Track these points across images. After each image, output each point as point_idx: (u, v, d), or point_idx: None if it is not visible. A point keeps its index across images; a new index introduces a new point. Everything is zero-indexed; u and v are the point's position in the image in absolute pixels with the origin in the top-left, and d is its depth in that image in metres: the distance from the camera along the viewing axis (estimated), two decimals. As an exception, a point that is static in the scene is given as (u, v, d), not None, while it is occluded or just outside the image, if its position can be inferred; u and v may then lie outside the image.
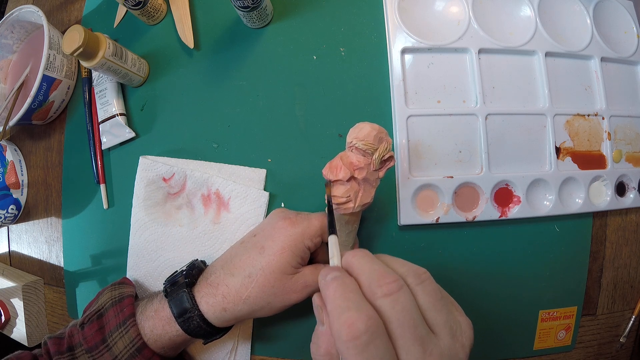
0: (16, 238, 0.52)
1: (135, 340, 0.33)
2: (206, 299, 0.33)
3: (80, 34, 0.37)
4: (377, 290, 0.22)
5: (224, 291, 0.33)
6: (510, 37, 0.44)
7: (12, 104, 0.45)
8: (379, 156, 0.30)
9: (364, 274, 0.23)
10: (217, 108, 0.44)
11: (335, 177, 0.31)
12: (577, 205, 0.43)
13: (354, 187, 0.31)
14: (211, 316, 0.33)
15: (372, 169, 0.31)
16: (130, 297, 0.36)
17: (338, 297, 0.21)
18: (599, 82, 0.45)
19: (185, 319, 0.33)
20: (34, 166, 0.51)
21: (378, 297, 0.21)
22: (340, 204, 0.32)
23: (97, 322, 0.34)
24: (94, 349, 0.33)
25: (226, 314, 0.33)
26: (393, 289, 0.22)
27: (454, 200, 0.41)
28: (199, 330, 0.33)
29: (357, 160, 0.31)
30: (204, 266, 0.38)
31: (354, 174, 0.31)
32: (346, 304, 0.21)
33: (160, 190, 0.43)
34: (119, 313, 0.34)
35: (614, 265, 0.46)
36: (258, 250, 0.34)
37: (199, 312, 0.33)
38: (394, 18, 0.42)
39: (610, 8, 0.48)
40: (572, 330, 0.44)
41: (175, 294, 0.34)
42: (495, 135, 0.42)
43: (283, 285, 0.33)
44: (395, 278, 0.22)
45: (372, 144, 0.30)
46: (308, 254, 0.35)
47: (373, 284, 0.22)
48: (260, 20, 0.43)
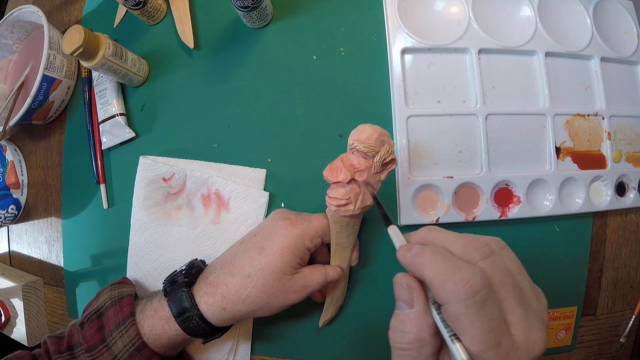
0: (16, 238, 0.52)
1: (135, 339, 0.33)
2: (205, 299, 0.33)
3: (80, 34, 0.37)
4: (475, 254, 0.22)
5: (223, 291, 0.33)
6: (510, 37, 0.44)
7: (12, 104, 0.45)
8: (380, 159, 0.30)
9: (453, 243, 0.23)
10: (217, 108, 0.44)
11: (335, 179, 0.31)
12: (577, 205, 0.43)
13: (355, 189, 0.31)
14: (210, 316, 0.33)
15: (374, 171, 0.31)
16: (129, 297, 0.36)
17: (441, 261, 0.21)
18: (599, 82, 0.45)
19: (185, 319, 0.33)
20: (34, 166, 0.51)
21: (477, 260, 0.21)
22: (340, 206, 0.31)
23: (97, 321, 0.34)
24: (93, 348, 0.33)
25: (225, 314, 0.33)
26: (488, 252, 0.22)
27: (454, 201, 0.41)
28: (198, 330, 0.33)
29: (357, 163, 0.30)
30: (203, 266, 0.38)
31: (354, 177, 0.30)
32: (454, 265, 0.20)
33: (160, 190, 0.43)
34: (119, 313, 0.34)
35: (614, 265, 0.46)
36: (258, 251, 0.34)
37: (198, 311, 0.33)
38: (394, 18, 0.42)
39: (610, 8, 0.48)
40: (572, 330, 0.44)
41: (175, 293, 0.34)
42: (495, 136, 0.42)
43: (282, 285, 0.33)
44: (486, 242, 0.22)
45: (373, 147, 0.30)
46: (308, 254, 0.35)
47: (468, 249, 0.22)
48: (260, 20, 0.43)
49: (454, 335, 0.20)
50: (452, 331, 0.20)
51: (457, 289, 0.19)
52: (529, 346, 0.20)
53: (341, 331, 0.41)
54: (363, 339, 0.41)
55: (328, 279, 0.35)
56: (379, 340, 0.41)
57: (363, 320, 0.41)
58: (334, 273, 0.35)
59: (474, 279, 0.20)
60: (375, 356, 0.41)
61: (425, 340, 0.22)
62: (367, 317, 0.41)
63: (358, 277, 0.41)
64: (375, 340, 0.41)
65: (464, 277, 0.20)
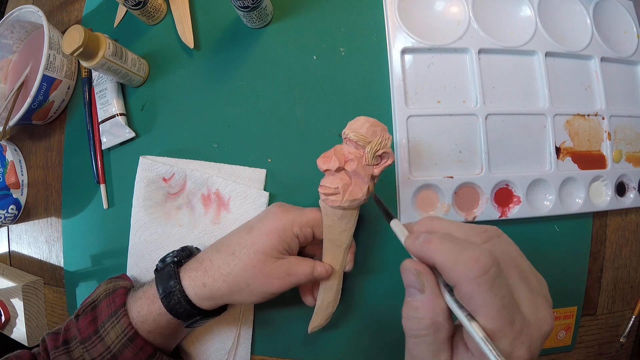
0: (16, 238, 0.52)
1: (127, 329, 0.33)
2: (189, 274, 0.34)
3: (80, 34, 0.37)
4: (477, 239, 0.23)
5: (207, 265, 0.33)
6: (510, 37, 0.44)
7: (12, 104, 0.45)
8: (372, 149, 0.30)
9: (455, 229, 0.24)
10: (217, 108, 0.44)
11: (325, 167, 0.31)
12: (577, 205, 0.43)
13: (344, 179, 0.31)
14: (191, 292, 0.33)
15: (365, 162, 0.30)
16: (123, 288, 0.36)
17: (449, 244, 0.22)
18: (599, 82, 0.45)
19: (167, 294, 0.33)
20: (34, 166, 0.51)
21: (479, 244, 0.23)
22: (327, 194, 0.31)
23: (91, 313, 0.34)
24: (87, 340, 0.33)
25: (205, 290, 0.33)
26: (488, 237, 0.23)
27: (454, 201, 0.41)
28: (179, 308, 0.33)
29: (348, 152, 0.30)
30: (197, 251, 0.38)
31: (343, 166, 0.30)
32: (462, 247, 0.21)
33: (160, 190, 0.43)
34: (112, 303, 0.34)
35: (614, 265, 0.46)
36: (247, 230, 0.34)
37: (180, 287, 0.33)
38: (394, 18, 0.42)
39: (610, 8, 0.48)
40: (572, 330, 0.44)
41: (163, 270, 0.34)
42: (495, 136, 0.42)
43: (265, 267, 0.33)
44: (485, 228, 0.24)
45: (363, 136, 0.30)
46: (296, 243, 0.34)
47: (470, 235, 0.23)
48: (260, 20, 0.43)
49: (469, 315, 0.20)
50: (466, 312, 0.21)
51: (468, 268, 0.20)
52: (539, 323, 0.21)
53: (341, 331, 0.41)
54: (363, 339, 0.41)
55: (315, 274, 0.34)
56: (379, 340, 0.41)
57: (363, 320, 0.41)
58: (323, 269, 0.34)
59: (483, 257, 0.20)
60: (375, 356, 0.41)
61: (440, 324, 0.22)
62: (367, 317, 0.41)
63: (357, 277, 0.41)
64: (375, 340, 0.41)
65: (474, 256, 0.20)
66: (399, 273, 0.23)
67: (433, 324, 0.22)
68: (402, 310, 0.23)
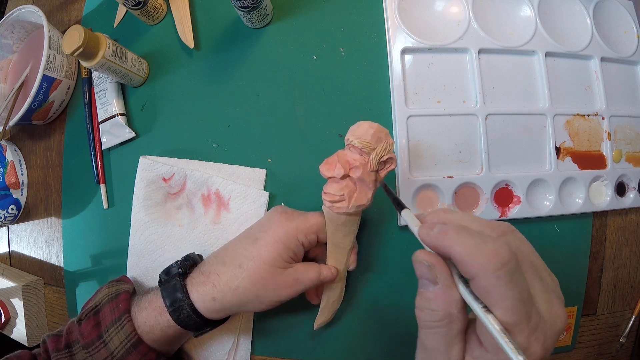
0: (16, 238, 0.52)
1: (131, 335, 0.33)
2: (197, 287, 0.33)
3: (80, 34, 0.37)
4: (492, 233, 0.22)
5: (214, 280, 0.33)
6: (510, 37, 0.44)
7: (12, 104, 0.45)
8: (376, 156, 0.30)
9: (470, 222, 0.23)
10: (217, 108, 0.44)
11: (329, 174, 0.30)
12: (577, 205, 0.43)
13: (349, 186, 0.31)
14: (200, 306, 0.33)
15: (370, 169, 0.30)
16: (126, 293, 0.36)
17: (466, 236, 0.21)
18: (599, 82, 0.45)
19: (176, 308, 0.33)
20: (34, 166, 0.51)
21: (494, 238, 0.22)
22: (333, 202, 0.31)
23: (94, 318, 0.34)
24: (90, 345, 0.33)
25: (215, 304, 0.33)
26: (502, 232, 0.22)
27: (454, 201, 0.41)
28: (188, 321, 0.33)
29: (352, 159, 0.30)
30: (200, 259, 0.38)
31: (348, 173, 0.30)
32: (481, 239, 0.20)
33: (160, 190, 0.43)
34: (115, 309, 0.34)
35: (614, 265, 0.46)
36: (251, 241, 0.34)
37: (189, 300, 0.33)
38: (394, 18, 0.42)
39: (610, 8, 0.48)
40: (572, 330, 0.44)
41: (168, 283, 0.34)
42: (495, 136, 0.42)
43: (273, 278, 0.32)
44: (499, 224, 0.23)
45: (368, 143, 0.29)
46: (302, 250, 0.34)
47: (485, 228, 0.23)
48: (260, 20, 0.43)
49: (485, 308, 0.20)
50: (482, 304, 0.20)
51: (487, 260, 0.19)
52: (553, 320, 0.21)
53: (342, 331, 0.41)
54: (364, 339, 0.41)
55: (322, 277, 0.34)
56: (379, 340, 0.41)
57: (363, 320, 0.41)
58: (328, 272, 0.35)
59: (502, 250, 0.20)
60: (375, 356, 0.41)
61: (454, 316, 0.21)
62: (367, 317, 0.41)
63: (358, 277, 0.41)
64: (375, 340, 0.41)
65: (493, 250, 0.20)
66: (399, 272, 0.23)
67: (447, 315, 0.21)
68: (415, 301, 0.23)
